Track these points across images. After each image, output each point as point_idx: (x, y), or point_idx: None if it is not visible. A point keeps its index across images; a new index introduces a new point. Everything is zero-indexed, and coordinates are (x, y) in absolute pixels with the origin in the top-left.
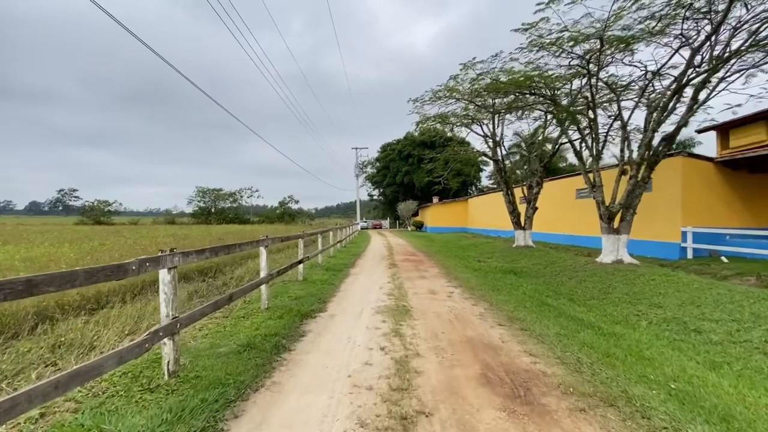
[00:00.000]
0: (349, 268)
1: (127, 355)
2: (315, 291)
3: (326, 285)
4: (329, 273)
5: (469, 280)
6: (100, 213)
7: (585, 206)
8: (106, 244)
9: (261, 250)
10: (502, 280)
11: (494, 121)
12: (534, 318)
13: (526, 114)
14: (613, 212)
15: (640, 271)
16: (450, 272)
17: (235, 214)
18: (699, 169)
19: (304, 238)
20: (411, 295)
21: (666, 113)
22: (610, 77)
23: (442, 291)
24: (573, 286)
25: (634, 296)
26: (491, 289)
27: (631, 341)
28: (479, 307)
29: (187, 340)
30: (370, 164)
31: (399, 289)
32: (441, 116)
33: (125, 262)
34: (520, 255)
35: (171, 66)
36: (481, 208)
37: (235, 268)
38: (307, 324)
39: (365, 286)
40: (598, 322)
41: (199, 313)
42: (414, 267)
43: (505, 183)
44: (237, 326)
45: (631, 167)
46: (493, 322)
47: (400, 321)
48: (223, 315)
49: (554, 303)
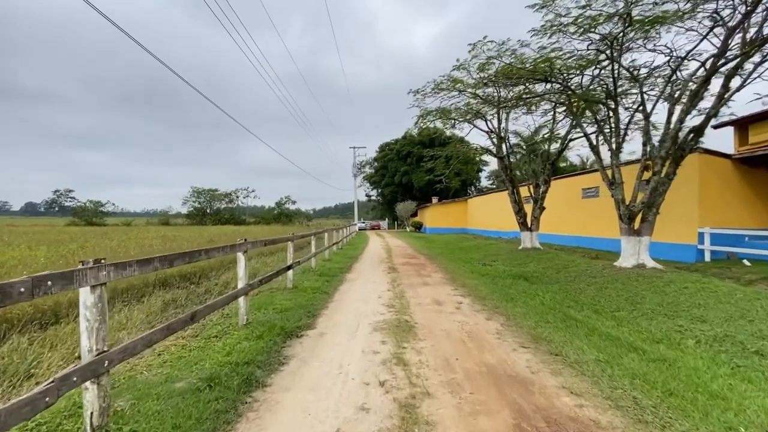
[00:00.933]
0: (345, 273)
1: (10, 420)
2: (305, 301)
3: (318, 294)
4: (323, 279)
5: (478, 288)
6: (93, 214)
7: (592, 206)
8: (87, 246)
9: (239, 257)
10: (514, 287)
11: (499, 115)
12: (562, 337)
13: (533, 108)
14: (634, 212)
15: (668, 277)
16: (455, 278)
17: (230, 215)
18: (716, 166)
19: (294, 240)
20: (414, 306)
21: (697, 100)
22: (631, 63)
23: (448, 301)
24: (594, 295)
25: (669, 308)
26: (504, 298)
27: (688, 369)
28: (495, 322)
29: (140, 370)
30: (368, 164)
31: (400, 299)
32: (443, 111)
33: (7, 282)
34: (528, 258)
35: (168, 67)
36: (481, 209)
37: (223, 272)
38: (291, 346)
39: (362, 294)
40: (636, 340)
41: (143, 342)
42: (415, 271)
43: (511, 181)
44: (205, 349)
45: (654, 163)
46: (515, 342)
47: (402, 342)
48: (193, 333)
49: (579, 316)
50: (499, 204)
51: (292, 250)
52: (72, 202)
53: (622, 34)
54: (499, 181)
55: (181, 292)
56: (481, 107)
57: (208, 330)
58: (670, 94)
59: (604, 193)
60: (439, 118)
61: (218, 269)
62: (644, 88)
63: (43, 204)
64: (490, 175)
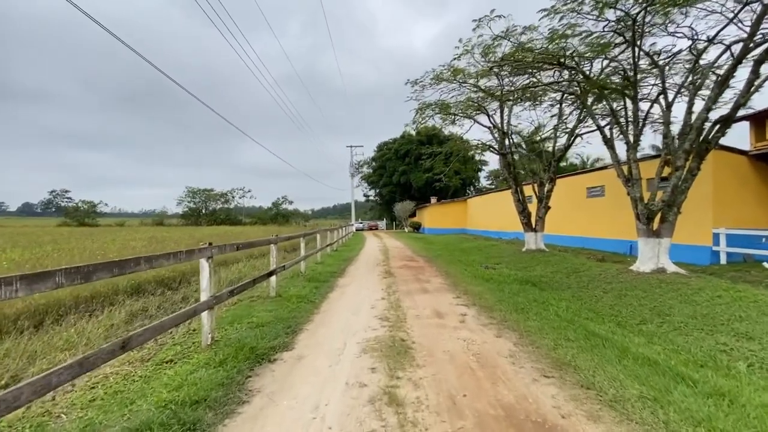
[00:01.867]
0: (337, 278)
1: None
2: (286, 313)
3: (303, 303)
4: (311, 285)
5: (483, 296)
6: (85, 214)
7: (596, 206)
8: (63, 248)
9: (202, 265)
10: (523, 294)
11: (502, 110)
12: (590, 361)
13: (539, 101)
14: (654, 211)
15: (695, 283)
16: (456, 283)
17: (226, 216)
18: (732, 163)
19: (278, 243)
20: (411, 318)
21: (724, 87)
22: (651, 47)
23: (451, 312)
24: (613, 303)
25: (705, 321)
26: (514, 308)
27: (756, 408)
28: (506, 341)
29: (58, 412)
30: (366, 164)
31: (396, 310)
32: (442, 105)
33: None
34: (534, 260)
35: (162, 72)
36: (481, 209)
37: None
38: (260, 375)
39: (353, 304)
40: (678, 365)
41: (32, 389)
42: (413, 276)
43: (514, 179)
44: (152, 380)
45: (676, 157)
46: (534, 369)
47: (397, 369)
48: (146, 355)
49: (602, 331)
50: (500, 204)
51: (275, 253)
52: (69, 202)
53: (643, 13)
54: (501, 180)
55: (154, 299)
56: (483, 101)
57: (165, 352)
58: (692, 82)
59: (611, 193)
60: (439, 112)
61: None
62: (665, 75)
63: (40, 205)
64: (489, 175)
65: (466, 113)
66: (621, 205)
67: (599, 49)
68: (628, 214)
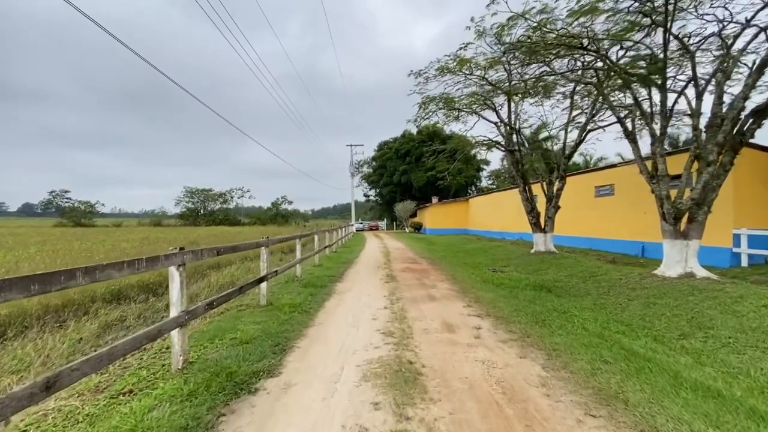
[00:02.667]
0: (336, 283)
1: None
2: (276, 327)
3: (297, 314)
4: (306, 292)
5: (496, 304)
6: (82, 215)
7: (605, 206)
8: (49, 250)
9: (171, 274)
10: (539, 302)
11: (509, 104)
12: (640, 391)
13: (550, 93)
14: (681, 210)
15: (732, 291)
16: (465, 289)
17: (225, 216)
18: (754, 160)
19: (269, 246)
20: (419, 333)
21: (762, 73)
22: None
23: (463, 325)
24: (641, 313)
25: (756, 336)
26: (533, 320)
27: None
28: (533, 363)
29: None
30: (366, 164)
31: (400, 322)
32: (447, 99)
33: None
34: (544, 263)
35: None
36: (483, 209)
37: (197, 279)
38: (235, 413)
39: (352, 314)
40: (748, 397)
41: None
42: (417, 280)
43: (522, 178)
44: (97, 423)
45: (706, 151)
46: (575, 405)
47: (405, 405)
48: (98, 384)
49: (640, 349)
50: (503, 204)
51: (266, 257)
52: (68, 202)
53: None
54: (506, 178)
55: (136, 307)
56: (490, 94)
57: (126, 378)
58: (721, 69)
59: (621, 192)
60: (442, 108)
61: (193, 275)
62: (695, 61)
63: (40, 205)
64: (490, 174)
65: (471, 108)
66: (632, 205)
67: (624, 32)
68: (639, 213)
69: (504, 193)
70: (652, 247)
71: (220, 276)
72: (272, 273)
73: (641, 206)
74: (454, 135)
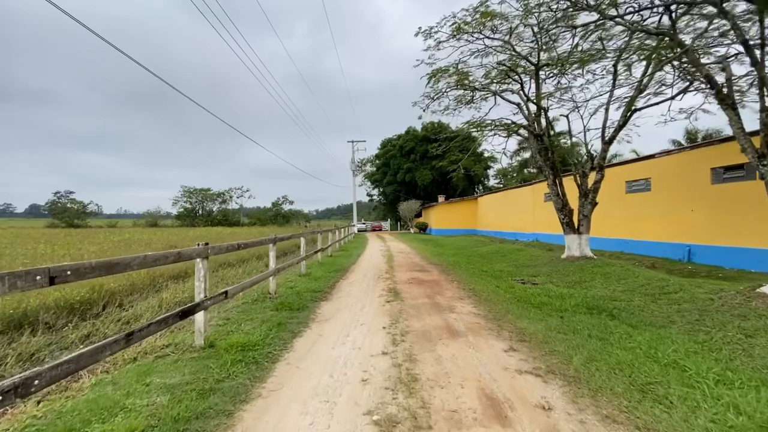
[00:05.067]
0: (320, 302)
1: None
2: (193, 402)
3: (242, 366)
4: (275, 319)
5: (552, 343)
6: (74, 215)
7: (640, 202)
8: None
9: None
10: (614, 338)
11: (538, 78)
12: None
13: (594, 60)
14: None
15: None
16: (496, 313)
17: (223, 216)
18: None
19: (208, 256)
20: (442, 422)
21: None
22: None
23: (518, 400)
24: None
25: None
26: (629, 380)
27: None
28: None
29: None
30: (369, 162)
31: (408, 391)
32: (461, 73)
33: None
34: (585, 272)
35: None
36: (494, 208)
37: (149, 295)
38: None
39: (331, 370)
40: None
41: None
42: (428, 298)
43: (552, 168)
44: None
45: None
46: None
47: None
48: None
49: None
50: (516, 202)
51: (203, 272)
52: (73, 204)
53: None
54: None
55: (48, 339)
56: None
57: None
58: None
59: (660, 186)
60: (454, 87)
61: (148, 288)
62: None
63: (46, 206)
64: (497, 173)
65: (488, 89)
66: (675, 201)
67: None
68: (684, 211)
69: (516, 191)
70: (702, 251)
71: (179, 290)
72: (218, 296)
73: (687, 203)
74: (460, 131)
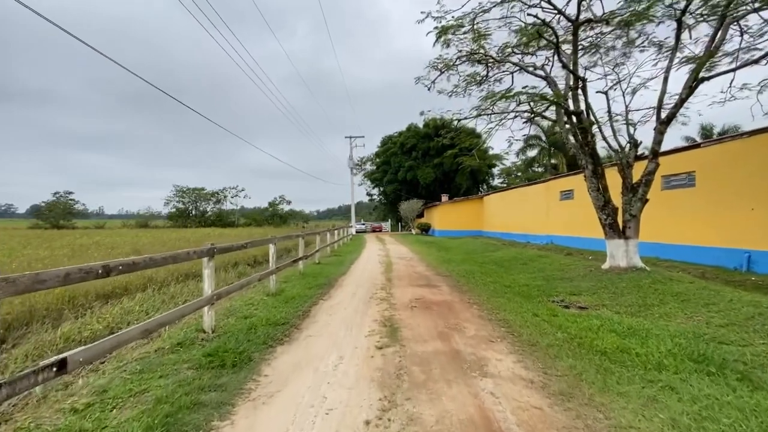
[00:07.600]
0: (278, 346)
1: None
2: None
3: None
4: (191, 386)
5: None
6: (60, 215)
7: (679, 201)
8: None
9: None
10: None
11: (576, 40)
12: None
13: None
14: None
15: None
16: (557, 373)
17: (217, 216)
18: None
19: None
20: None
21: None
22: None
23: None
24: None
25: None
26: None
27: None
28: None
29: None
30: (369, 161)
31: None
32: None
33: None
34: (646, 292)
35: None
36: (502, 208)
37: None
38: None
39: None
40: None
41: None
42: (443, 341)
43: (592, 155)
44: None
45: None
46: None
47: None
48: None
49: None
50: (526, 201)
51: None
52: (74, 204)
53: None
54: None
55: None
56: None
57: None
58: None
59: (707, 181)
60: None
61: (95, 298)
62: None
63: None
64: (501, 172)
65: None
66: (728, 199)
67: None
68: (742, 210)
69: (528, 189)
70: (766, 258)
71: (94, 319)
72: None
73: (745, 200)
74: (463, 128)
